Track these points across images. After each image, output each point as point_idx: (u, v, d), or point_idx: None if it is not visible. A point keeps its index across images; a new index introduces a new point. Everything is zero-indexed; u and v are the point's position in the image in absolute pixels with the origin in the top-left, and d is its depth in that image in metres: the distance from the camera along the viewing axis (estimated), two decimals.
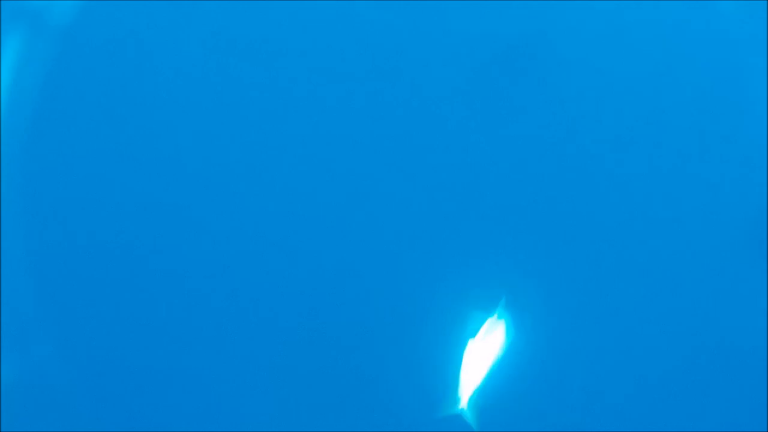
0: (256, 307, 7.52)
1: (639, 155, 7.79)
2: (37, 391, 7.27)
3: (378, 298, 7.51)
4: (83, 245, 7.56)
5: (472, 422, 6.20)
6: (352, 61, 7.95)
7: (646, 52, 8.00)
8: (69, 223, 7.60)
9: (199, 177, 7.72)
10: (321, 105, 7.84)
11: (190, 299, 7.49)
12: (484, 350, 6.32)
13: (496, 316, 6.37)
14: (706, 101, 7.88)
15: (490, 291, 6.66)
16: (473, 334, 6.35)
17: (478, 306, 6.50)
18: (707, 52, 7.95)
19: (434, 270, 7.46)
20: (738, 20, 7.91)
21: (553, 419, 7.33)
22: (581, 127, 7.84)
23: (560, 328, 7.43)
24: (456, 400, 6.23)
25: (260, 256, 7.60)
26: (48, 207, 7.60)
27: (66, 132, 7.78)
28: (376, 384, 7.38)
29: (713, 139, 7.83)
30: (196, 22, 7.99)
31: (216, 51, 7.95)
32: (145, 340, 7.38)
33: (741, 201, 7.69)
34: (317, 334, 7.45)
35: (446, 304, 7.14)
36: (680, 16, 8.02)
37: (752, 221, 7.61)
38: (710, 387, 7.34)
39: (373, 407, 7.35)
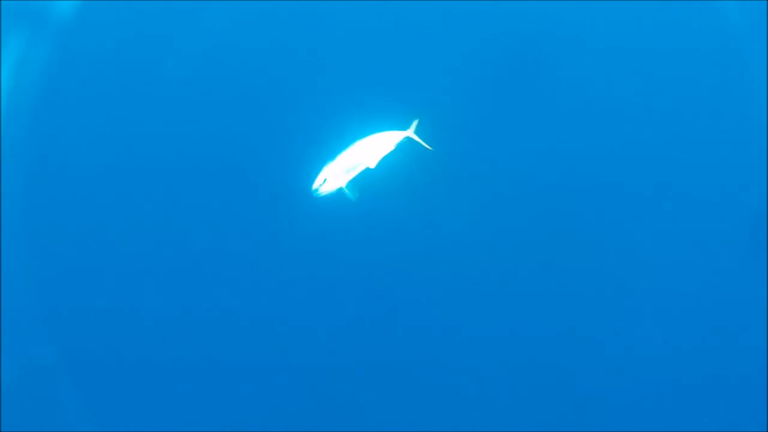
0: (255, 307, 7.54)
1: (639, 155, 7.81)
2: (37, 391, 7.28)
3: None
4: (83, 245, 7.57)
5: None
6: (358, 61, 7.98)
7: (647, 52, 8.02)
8: (69, 223, 7.61)
9: (199, 177, 7.73)
10: (323, 106, 7.86)
11: (189, 300, 7.49)
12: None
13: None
14: (706, 101, 7.89)
15: None
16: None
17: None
18: (707, 52, 7.96)
19: None
20: (738, 20, 7.92)
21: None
22: (581, 127, 7.85)
23: (558, 327, 7.46)
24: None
25: (261, 256, 7.63)
26: (48, 207, 7.61)
27: (66, 131, 7.79)
28: None
29: (713, 138, 7.84)
30: (195, 23, 8.01)
31: (215, 51, 7.96)
32: (145, 341, 7.39)
33: (741, 201, 7.70)
34: None
35: None
36: (680, 16, 8.03)
37: (752, 221, 7.62)
38: (710, 387, 7.35)
39: None
